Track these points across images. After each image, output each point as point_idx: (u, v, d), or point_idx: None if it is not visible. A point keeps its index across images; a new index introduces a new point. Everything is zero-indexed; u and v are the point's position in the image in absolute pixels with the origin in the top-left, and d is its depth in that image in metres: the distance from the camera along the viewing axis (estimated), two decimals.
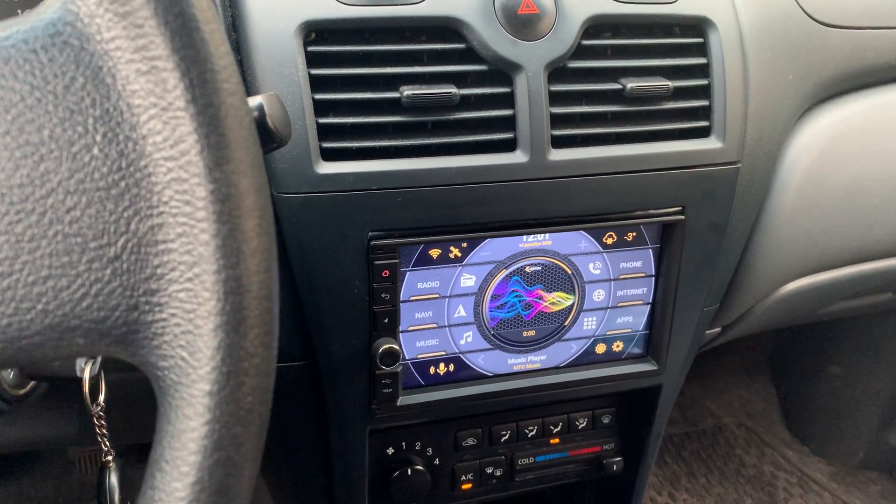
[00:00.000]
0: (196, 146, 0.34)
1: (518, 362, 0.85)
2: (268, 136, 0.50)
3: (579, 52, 0.76)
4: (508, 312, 0.82)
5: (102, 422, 0.66)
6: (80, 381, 0.64)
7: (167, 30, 0.34)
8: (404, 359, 0.80)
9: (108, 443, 0.68)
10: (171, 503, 0.35)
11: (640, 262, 0.85)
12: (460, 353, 0.82)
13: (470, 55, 0.73)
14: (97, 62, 0.34)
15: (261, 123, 0.50)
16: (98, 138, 0.34)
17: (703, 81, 0.81)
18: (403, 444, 0.90)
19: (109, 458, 0.69)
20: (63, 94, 0.34)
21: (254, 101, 0.50)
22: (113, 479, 0.69)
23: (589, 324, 0.86)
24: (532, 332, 0.84)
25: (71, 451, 1.57)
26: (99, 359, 0.64)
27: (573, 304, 0.84)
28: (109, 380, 0.65)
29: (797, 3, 0.93)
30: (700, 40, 0.81)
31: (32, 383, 0.71)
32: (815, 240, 0.99)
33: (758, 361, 1.97)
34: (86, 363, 0.64)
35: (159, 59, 0.34)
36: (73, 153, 0.34)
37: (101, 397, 0.65)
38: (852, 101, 0.99)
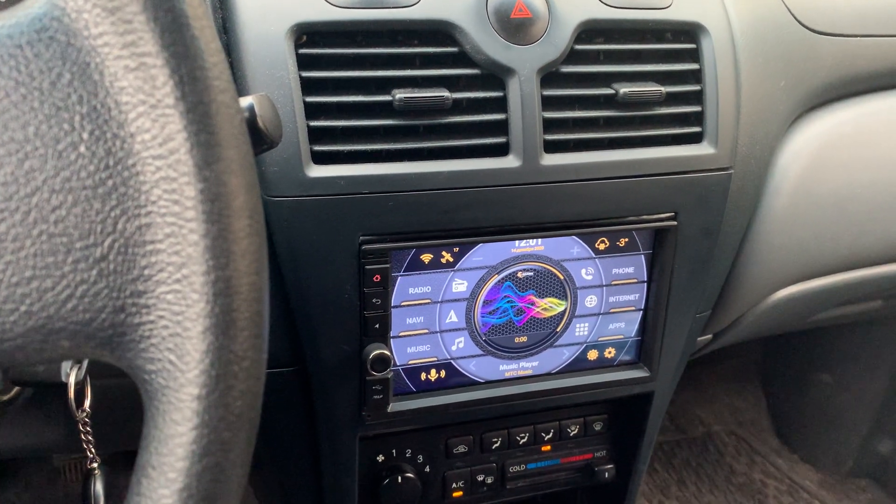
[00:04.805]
0: (185, 144, 0.34)
1: (510, 368, 0.84)
2: (258, 138, 0.49)
3: (572, 56, 0.76)
4: (500, 318, 0.81)
5: (88, 428, 0.65)
6: (65, 386, 0.63)
7: (156, 26, 0.33)
8: (395, 365, 0.79)
9: (93, 449, 0.67)
10: None
11: (633, 267, 0.84)
12: (452, 359, 0.82)
13: (462, 59, 0.73)
14: (84, 58, 0.34)
15: (251, 124, 0.49)
16: (85, 136, 0.34)
17: (696, 87, 0.81)
18: (394, 451, 0.89)
19: (95, 465, 0.68)
20: (49, 90, 0.33)
21: (244, 101, 0.49)
22: (98, 487, 0.67)
23: (581, 330, 0.85)
24: (524, 338, 0.83)
25: (56, 459, 1.55)
26: (85, 364, 0.63)
27: (565, 309, 0.83)
28: (95, 386, 0.64)
29: (789, 10, 0.93)
30: (692, 46, 0.81)
31: (17, 389, 0.70)
32: (807, 247, 0.99)
33: (748, 369, 1.97)
34: (71, 368, 0.62)
35: (148, 56, 0.33)
36: (59, 151, 0.33)
37: (87, 403, 0.64)
38: (843, 108, 0.99)
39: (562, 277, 0.82)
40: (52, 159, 0.33)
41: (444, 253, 0.76)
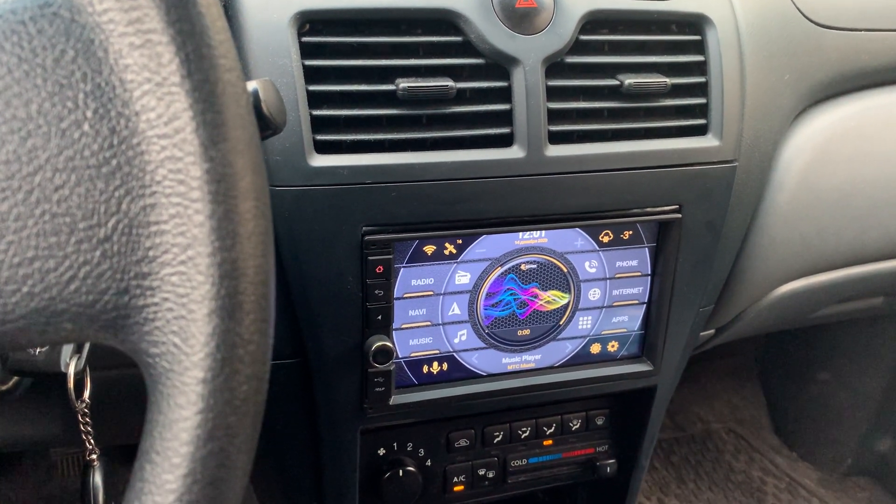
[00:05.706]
0: (191, 123, 0.33)
1: (512, 362, 0.84)
2: (262, 123, 0.49)
3: (577, 47, 0.75)
4: (503, 311, 0.81)
5: (87, 419, 0.65)
6: (64, 376, 0.62)
7: (162, 2, 0.33)
8: (397, 357, 0.79)
9: (92, 441, 0.66)
10: (161, 496, 0.33)
11: (637, 261, 0.84)
12: (454, 351, 0.81)
13: (467, 48, 0.72)
14: (88, 35, 0.33)
15: (255, 109, 0.48)
16: (89, 114, 0.33)
17: (701, 79, 0.81)
18: (395, 444, 0.89)
19: (94, 456, 0.67)
20: (52, 67, 0.33)
21: (248, 86, 0.48)
22: (97, 478, 0.67)
23: (584, 323, 0.85)
24: (527, 331, 0.83)
25: (53, 453, 1.54)
26: (85, 354, 0.62)
27: (568, 302, 0.83)
28: (95, 377, 0.64)
29: (794, 3, 0.92)
30: (698, 38, 0.81)
31: (15, 379, 0.69)
32: (809, 241, 0.99)
33: (747, 367, 1.96)
34: (71, 358, 0.62)
35: (154, 33, 0.33)
36: (63, 129, 0.33)
37: (87, 394, 0.63)
38: (847, 102, 0.98)
39: (565, 270, 0.81)
40: (56, 138, 0.33)
41: (447, 244, 0.76)
